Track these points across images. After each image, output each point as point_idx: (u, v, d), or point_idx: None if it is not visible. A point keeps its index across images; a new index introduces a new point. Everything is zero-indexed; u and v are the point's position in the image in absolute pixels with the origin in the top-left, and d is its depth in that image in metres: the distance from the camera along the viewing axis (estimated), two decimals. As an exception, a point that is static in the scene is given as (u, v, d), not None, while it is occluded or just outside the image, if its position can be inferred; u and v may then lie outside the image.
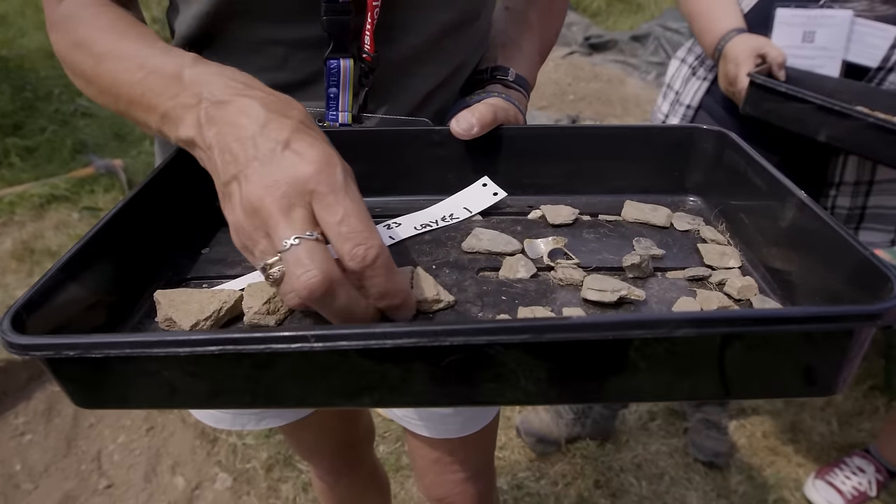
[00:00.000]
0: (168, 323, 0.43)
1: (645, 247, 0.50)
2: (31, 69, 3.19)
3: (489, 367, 0.34)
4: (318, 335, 0.32)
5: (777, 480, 1.48)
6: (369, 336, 0.31)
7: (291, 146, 0.39)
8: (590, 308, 0.44)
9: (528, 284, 0.47)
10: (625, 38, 4.24)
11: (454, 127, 0.56)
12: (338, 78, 0.58)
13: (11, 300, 1.86)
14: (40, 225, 2.30)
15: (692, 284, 0.47)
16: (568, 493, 1.43)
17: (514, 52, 0.71)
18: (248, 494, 1.44)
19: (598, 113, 3.39)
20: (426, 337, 0.31)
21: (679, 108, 1.18)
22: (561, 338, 0.31)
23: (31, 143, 2.68)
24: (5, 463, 1.51)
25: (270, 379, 0.35)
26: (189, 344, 0.32)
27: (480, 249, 0.50)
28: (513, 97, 0.63)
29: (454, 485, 0.89)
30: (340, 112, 0.61)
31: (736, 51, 0.98)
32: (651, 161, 0.59)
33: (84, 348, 0.33)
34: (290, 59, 0.59)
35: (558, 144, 0.58)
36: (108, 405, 0.38)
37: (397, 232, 0.53)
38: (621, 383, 0.34)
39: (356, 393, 0.35)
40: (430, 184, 0.59)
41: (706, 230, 0.53)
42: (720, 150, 0.56)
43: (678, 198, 0.59)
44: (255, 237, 0.38)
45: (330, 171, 0.38)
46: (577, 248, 0.51)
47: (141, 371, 0.35)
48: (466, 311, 0.44)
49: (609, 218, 0.56)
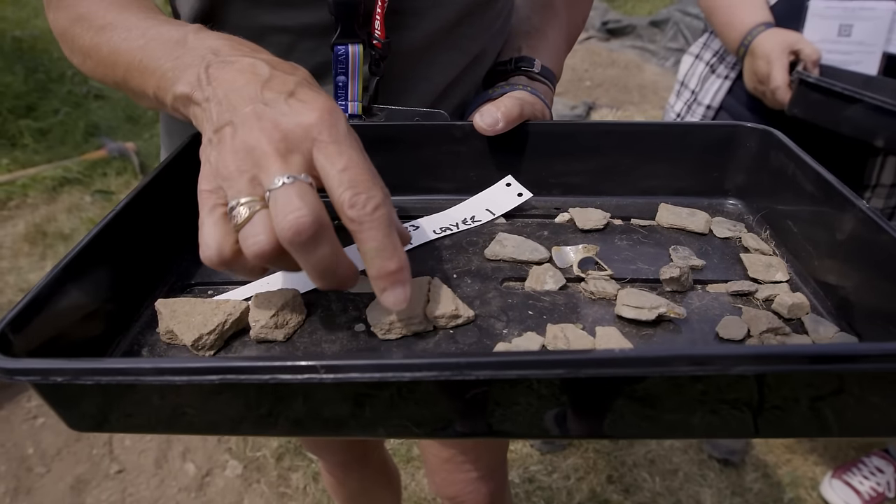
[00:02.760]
0: (169, 336, 0.40)
1: (683, 256, 0.47)
2: (44, 50, 3.15)
3: (516, 401, 0.30)
4: (328, 366, 0.28)
5: (793, 479, 1.44)
6: (385, 368, 0.28)
7: (296, 95, 0.36)
8: (625, 326, 0.40)
9: (557, 297, 0.43)
10: (643, 23, 4.14)
11: (477, 121, 0.52)
12: (346, 65, 0.55)
13: (25, 283, 1.87)
14: (53, 208, 2.29)
15: (736, 300, 0.43)
16: (580, 488, 1.40)
17: (539, 40, 0.67)
18: (258, 482, 1.43)
19: (614, 100, 3.31)
20: (448, 370, 0.28)
21: (697, 108, 1.11)
22: (601, 374, 0.28)
23: (44, 125, 2.66)
24: (18, 446, 1.51)
25: (274, 409, 0.32)
26: (186, 373, 0.29)
27: (505, 257, 0.47)
28: (539, 90, 0.59)
29: (466, 484, 0.87)
30: (350, 102, 0.57)
31: (766, 47, 0.92)
32: (688, 161, 0.54)
33: (73, 374, 0.30)
34: (296, 48, 0.56)
35: (588, 142, 0.54)
36: (104, 429, 0.35)
37: (416, 235, 0.49)
38: (664, 421, 0.31)
39: (369, 425, 0.32)
40: (449, 182, 0.55)
41: (749, 238, 0.49)
42: (765, 151, 0.51)
43: (716, 201, 0.55)
44: (235, 177, 0.34)
45: (334, 120, 0.35)
46: (609, 256, 0.47)
47: (135, 398, 0.32)
48: (489, 328, 0.41)
49: (642, 223, 0.52)
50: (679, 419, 0.31)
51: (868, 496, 1.36)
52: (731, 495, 1.40)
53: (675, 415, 0.31)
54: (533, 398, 0.30)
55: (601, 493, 1.39)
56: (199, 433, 0.35)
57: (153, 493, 1.41)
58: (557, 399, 0.30)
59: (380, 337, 0.40)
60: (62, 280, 0.37)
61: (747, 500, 1.39)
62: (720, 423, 0.31)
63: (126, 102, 2.92)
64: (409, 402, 0.31)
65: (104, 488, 1.42)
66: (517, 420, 0.31)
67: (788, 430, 0.32)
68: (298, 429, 0.35)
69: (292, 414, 0.32)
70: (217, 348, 0.40)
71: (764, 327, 0.39)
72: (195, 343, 0.39)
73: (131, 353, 0.40)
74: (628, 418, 0.31)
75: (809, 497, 1.41)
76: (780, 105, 0.91)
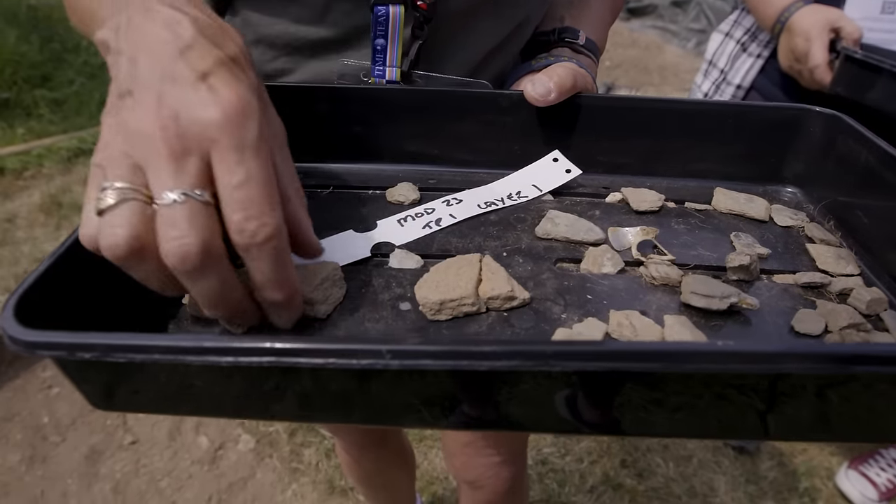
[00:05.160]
0: (195, 307, 0.37)
1: (747, 244, 0.44)
2: (59, 20, 3.06)
3: (601, 394, 0.27)
4: (393, 351, 0.25)
5: (808, 468, 1.42)
6: (461, 355, 0.25)
7: (209, 80, 0.30)
8: (692, 315, 0.37)
9: (616, 281, 0.40)
10: (665, 3, 4.03)
11: (529, 91, 0.48)
12: (386, 27, 0.51)
13: (40, 253, 1.84)
14: (68, 178, 2.25)
15: (807, 293, 0.40)
16: (593, 471, 1.39)
17: (583, 10, 0.63)
18: (270, 457, 1.42)
19: (634, 81, 3.24)
20: (532, 360, 0.25)
21: (727, 88, 1.07)
22: (711, 369, 0.24)
23: (59, 96, 2.60)
24: (34, 415, 1.50)
25: (324, 393, 0.29)
26: (234, 353, 0.26)
27: (557, 236, 0.43)
28: (583, 63, 0.56)
29: (486, 468, 0.85)
30: (388, 67, 0.53)
31: (805, 24, 0.88)
32: (744, 144, 0.51)
33: (103, 350, 0.26)
34: (332, 10, 0.52)
35: (640, 119, 0.51)
36: (131, 409, 0.31)
37: (459, 210, 0.46)
38: (771, 420, 0.28)
39: (432, 416, 0.29)
40: (492, 155, 0.52)
41: (813, 228, 0.46)
42: (832, 137, 0.48)
43: (772, 187, 0.52)
44: (117, 159, 0.30)
45: (242, 122, 0.30)
46: (667, 240, 0.44)
47: (171, 378, 0.28)
48: (546, 311, 0.37)
49: (698, 207, 0.48)
50: (783, 420, 0.28)
51: (885, 488, 1.34)
52: (745, 483, 1.38)
53: (779, 416, 0.28)
54: (613, 396, 0.27)
55: (614, 477, 1.37)
56: (229, 416, 0.32)
57: (166, 465, 1.40)
58: (643, 396, 0.27)
59: (428, 318, 0.36)
60: (77, 249, 0.34)
61: (762, 488, 1.37)
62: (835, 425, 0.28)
63: (142, 73, 2.84)
64: (474, 394, 0.28)
65: (118, 459, 1.41)
66: (595, 414, 0.28)
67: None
68: (343, 416, 0.32)
69: (342, 402, 0.29)
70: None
71: (844, 323, 0.36)
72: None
73: (154, 325, 0.37)
74: (728, 418, 0.28)
75: (825, 487, 1.39)
76: (817, 85, 0.87)
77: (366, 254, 0.42)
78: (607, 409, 0.28)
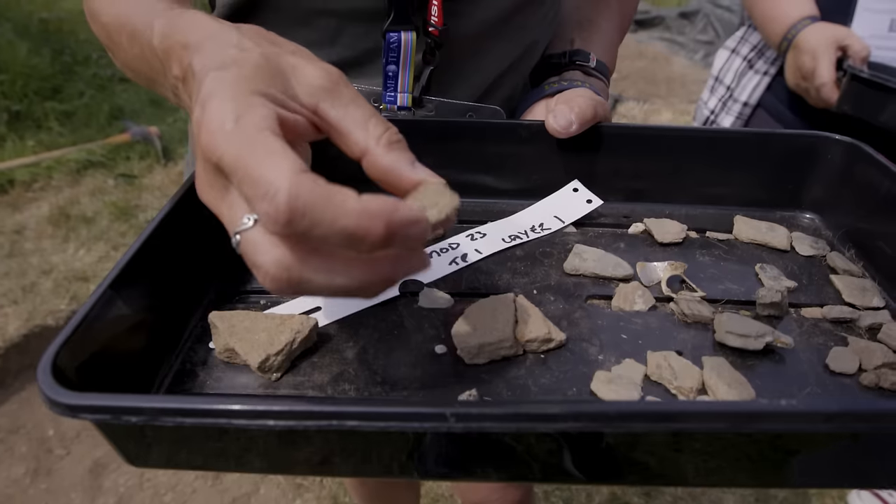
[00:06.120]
0: (229, 354, 0.36)
1: (773, 276, 0.44)
2: (70, 32, 3.04)
3: (653, 452, 0.27)
4: (458, 414, 0.25)
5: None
6: (524, 418, 0.24)
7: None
8: (728, 354, 0.37)
9: (649, 319, 0.40)
10: (672, 15, 4.01)
11: (550, 123, 0.48)
12: (398, 53, 0.50)
13: (48, 265, 1.80)
14: (76, 190, 2.22)
15: (837, 328, 0.40)
16: (599, 489, 1.37)
17: (593, 32, 0.63)
18: (275, 477, 1.40)
19: (641, 92, 3.23)
20: (597, 422, 0.25)
21: (733, 105, 1.07)
22: (778, 429, 0.24)
23: (69, 108, 2.58)
24: (39, 427, 1.49)
25: (372, 453, 0.28)
26: (287, 416, 0.25)
27: (586, 272, 0.43)
28: (595, 86, 0.56)
29: (493, 490, 0.84)
30: (399, 93, 0.53)
31: (812, 41, 0.88)
32: (762, 170, 0.51)
33: (151, 414, 0.26)
34: (343, 33, 0.51)
35: (659, 147, 0.51)
36: (168, 466, 0.31)
37: (484, 244, 0.45)
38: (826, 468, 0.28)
39: (483, 472, 0.29)
40: (510, 183, 0.52)
41: (835, 257, 0.46)
42: (850, 164, 0.49)
43: (790, 213, 0.52)
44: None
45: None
46: (694, 273, 0.44)
47: (216, 439, 0.28)
48: (582, 353, 0.37)
49: (720, 237, 0.49)
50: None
51: None
52: (754, 502, 1.37)
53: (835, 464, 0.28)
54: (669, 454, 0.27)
55: (621, 496, 1.36)
56: (269, 472, 0.31)
57: (170, 480, 1.38)
58: (699, 452, 0.27)
59: (466, 362, 0.36)
60: (111, 294, 0.33)
61: (772, 507, 1.35)
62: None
63: (150, 87, 2.84)
64: (534, 453, 0.27)
65: (122, 472, 1.39)
66: (643, 473, 0.28)
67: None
68: (388, 472, 0.31)
69: (387, 460, 0.28)
70: (284, 370, 0.36)
71: (879, 362, 0.36)
72: (262, 365, 0.35)
73: (185, 372, 0.36)
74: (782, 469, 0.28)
75: (837, 506, 1.38)
76: (824, 103, 0.87)
77: (394, 292, 0.41)
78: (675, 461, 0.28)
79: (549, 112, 0.49)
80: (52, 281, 1.75)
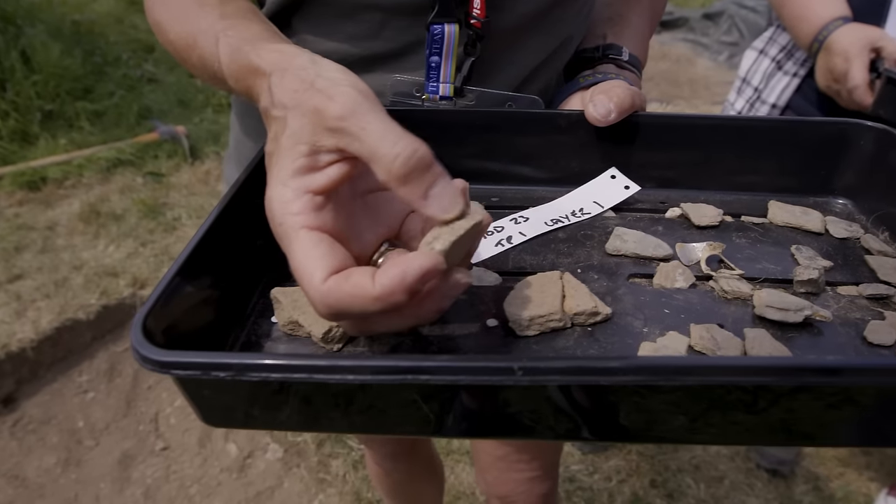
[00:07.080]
0: (292, 327, 0.38)
1: (809, 257, 0.45)
2: (100, 34, 3.16)
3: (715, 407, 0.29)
4: (525, 367, 0.26)
5: (846, 493, 1.39)
6: (594, 371, 0.26)
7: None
8: (768, 327, 0.39)
9: (690, 296, 0.41)
10: (696, 16, 3.98)
11: (591, 112, 0.50)
12: (441, 45, 0.52)
13: (79, 261, 1.86)
14: (106, 188, 2.30)
15: (874, 304, 0.42)
16: (622, 490, 1.38)
17: (624, 27, 0.65)
18: (298, 467, 1.43)
19: (664, 94, 3.23)
20: (660, 375, 0.26)
21: (761, 106, 1.06)
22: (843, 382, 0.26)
23: (99, 108, 2.68)
24: (69, 418, 1.54)
25: (446, 408, 0.30)
26: (370, 371, 0.27)
27: (627, 252, 0.45)
28: (629, 79, 0.57)
29: (518, 484, 0.85)
30: (441, 83, 0.55)
31: (844, 43, 0.87)
32: (794, 157, 0.53)
33: (238, 370, 0.28)
34: (387, 27, 0.53)
35: (694, 135, 0.52)
36: (243, 426, 0.33)
37: (528, 227, 0.47)
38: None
39: (548, 428, 0.30)
40: (549, 172, 0.53)
41: (869, 239, 0.47)
42: (882, 150, 0.50)
43: (822, 199, 0.53)
44: None
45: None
46: (731, 254, 0.45)
47: (294, 396, 0.30)
48: (627, 326, 0.39)
49: (755, 220, 0.50)
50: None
51: None
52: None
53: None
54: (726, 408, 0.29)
55: (643, 497, 1.36)
56: (340, 432, 0.33)
57: (196, 472, 1.42)
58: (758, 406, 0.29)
59: (518, 333, 0.38)
60: (186, 269, 0.35)
61: (796, 513, 1.34)
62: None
63: (177, 87, 2.95)
64: (596, 408, 0.29)
65: (149, 464, 1.43)
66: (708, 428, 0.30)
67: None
68: (465, 431, 0.33)
69: (459, 417, 0.30)
70: (345, 341, 0.38)
71: (917, 334, 0.38)
72: (325, 336, 0.37)
73: (251, 343, 0.38)
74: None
75: (863, 513, 1.37)
76: (856, 105, 0.86)
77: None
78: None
79: (587, 101, 0.50)
80: (83, 276, 1.80)
